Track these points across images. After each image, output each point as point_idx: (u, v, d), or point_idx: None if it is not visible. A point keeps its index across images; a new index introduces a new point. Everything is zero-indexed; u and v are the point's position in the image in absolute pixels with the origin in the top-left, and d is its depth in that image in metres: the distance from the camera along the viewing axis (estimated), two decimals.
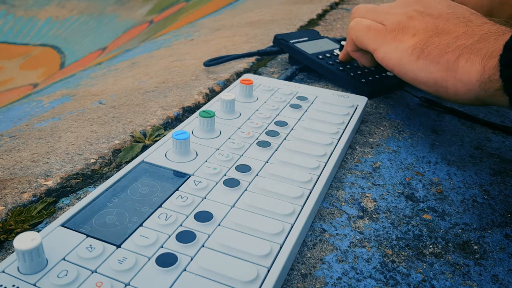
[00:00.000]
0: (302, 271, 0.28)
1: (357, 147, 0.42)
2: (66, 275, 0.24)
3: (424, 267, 0.29)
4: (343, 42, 0.59)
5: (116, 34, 2.10)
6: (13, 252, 0.27)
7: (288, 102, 0.45)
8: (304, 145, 0.37)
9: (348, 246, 0.30)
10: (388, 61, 0.40)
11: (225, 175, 0.33)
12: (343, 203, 0.34)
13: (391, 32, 0.41)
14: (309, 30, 0.66)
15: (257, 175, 0.33)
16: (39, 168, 0.37)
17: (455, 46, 0.35)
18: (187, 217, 0.29)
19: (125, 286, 0.24)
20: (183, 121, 0.46)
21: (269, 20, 0.93)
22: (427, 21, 0.39)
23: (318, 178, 0.33)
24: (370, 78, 0.53)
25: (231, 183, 0.32)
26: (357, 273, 0.28)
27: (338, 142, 0.39)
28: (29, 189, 0.34)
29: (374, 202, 0.35)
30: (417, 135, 0.45)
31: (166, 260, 0.25)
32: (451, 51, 0.35)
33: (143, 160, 0.34)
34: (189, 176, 0.33)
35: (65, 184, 0.35)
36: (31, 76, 1.76)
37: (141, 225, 0.28)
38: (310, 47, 0.58)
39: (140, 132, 0.43)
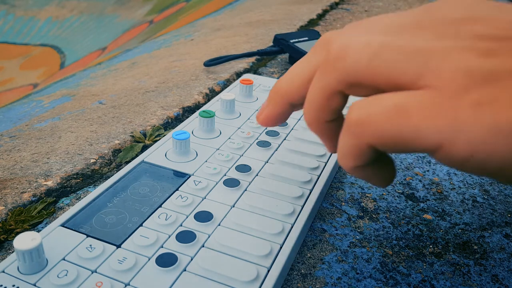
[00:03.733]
0: (302, 271, 0.28)
1: None
2: (66, 275, 0.24)
3: (424, 267, 0.29)
4: None
5: (116, 34, 2.10)
6: (13, 252, 0.27)
7: None
8: (304, 145, 0.37)
9: (348, 246, 0.30)
10: (489, 156, 0.17)
11: (225, 175, 0.33)
12: (343, 203, 0.34)
13: (460, 94, 0.18)
14: (309, 30, 0.66)
15: (257, 175, 0.33)
16: (39, 168, 0.37)
17: None
18: (187, 217, 0.29)
19: (125, 286, 0.24)
20: (183, 121, 0.46)
21: (269, 20, 0.93)
22: None
23: (318, 178, 0.33)
24: None
25: (231, 183, 0.32)
26: (357, 273, 0.28)
27: None
28: (29, 189, 0.34)
29: (374, 202, 0.35)
30: None
31: (166, 260, 0.25)
32: None
33: (143, 160, 0.34)
34: (189, 176, 0.33)
35: (65, 184, 0.35)
36: (31, 76, 1.76)
37: (141, 225, 0.28)
38: (310, 46, 0.58)
39: (140, 132, 0.43)
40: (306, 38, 0.61)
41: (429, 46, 0.19)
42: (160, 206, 0.30)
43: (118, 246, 0.26)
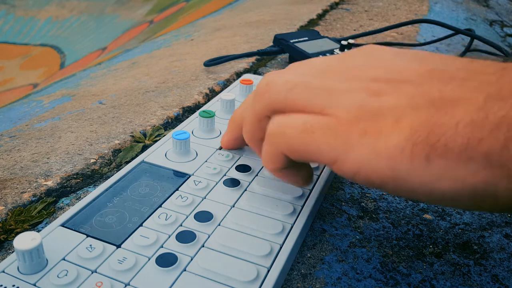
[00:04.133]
0: (302, 271, 0.28)
1: None
2: (66, 275, 0.24)
3: (424, 267, 0.29)
4: (343, 42, 0.59)
5: (116, 34, 2.10)
6: (13, 252, 0.27)
7: None
8: None
9: (348, 246, 0.30)
10: (370, 173, 0.22)
11: (225, 175, 0.33)
12: (343, 203, 0.34)
13: (352, 123, 0.23)
14: (309, 30, 0.66)
15: (257, 175, 0.33)
16: (39, 168, 0.37)
17: (489, 124, 0.19)
18: (187, 217, 0.29)
19: (125, 286, 0.24)
20: (183, 121, 0.46)
21: (269, 20, 0.93)
22: (406, 91, 0.22)
23: (318, 178, 0.33)
24: None
25: (231, 183, 0.32)
26: (357, 273, 0.28)
27: None
28: (29, 189, 0.34)
29: (374, 202, 0.35)
30: None
31: (166, 260, 0.25)
32: (485, 136, 0.19)
33: (143, 160, 0.34)
34: (189, 176, 0.33)
35: (65, 184, 0.35)
36: (31, 76, 1.76)
37: (141, 225, 0.28)
38: (310, 46, 0.58)
39: (140, 132, 0.43)
40: (306, 38, 0.61)
41: (335, 86, 0.24)
42: (160, 206, 0.30)
43: (118, 246, 0.26)
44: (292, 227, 0.29)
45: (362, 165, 0.23)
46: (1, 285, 0.23)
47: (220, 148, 0.36)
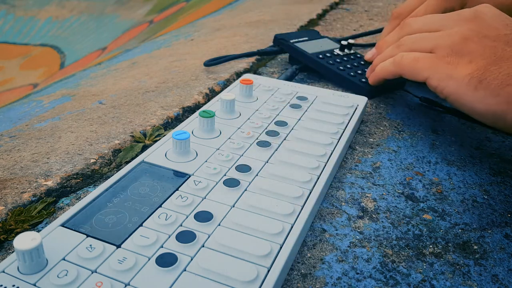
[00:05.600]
0: (302, 271, 0.28)
1: (357, 147, 0.42)
2: (66, 275, 0.24)
3: (424, 267, 0.29)
4: (343, 42, 0.59)
5: (116, 34, 2.10)
6: (13, 252, 0.27)
7: (288, 102, 0.45)
8: (304, 145, 0.37)
9: (348, 246, 0.30)
10: (443, 89, 0.38)
11: (225, 175, 0.33)
12: (343, 203, 0.34)
13: (444, 57, 0.38)
14: (309, 30, 0.66)
15: (257, 175, 0.33)
16: (39, 168, 0.37)
17: None
18: (187, 217, 0.29)
19: (125, 286, 0.24)
20: (183, 121, 0.46)
21: (269, 20, 0.93)
22: (485, 44, 0.36)
23: (318, 178, 0.33)
24: None
25: (231, 183, 0.32)
26: (357, 273, 0.28)
27: (338, 142, 0.39)
28: (29, 189, 0.34)
29: (374, 202, 0.35)
30: (417, 135, 0.45)
31: (166, 260, 0.25)
32: None
33: (143, 160, 0.34)
34: (189, 176, 0.33)
35: (65, 184, 0.35)
36: (31, 76, 1.76)
37: (141, 225, 0.28)
38: (310, 46, 0.58)
39: (140, 132, 0.43)
40: (306, 38, 0.61)
41: (443, 32, 0.40)
42: (160, 206, 0.30)
43: (118, 246, 0.26)
44: (292, 227, 0.29)
45: (440, 82, 0.38)
46: (1, 285, 0.23)
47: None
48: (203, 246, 0.26)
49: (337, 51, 0.59)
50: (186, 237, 0.27)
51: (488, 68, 0.35)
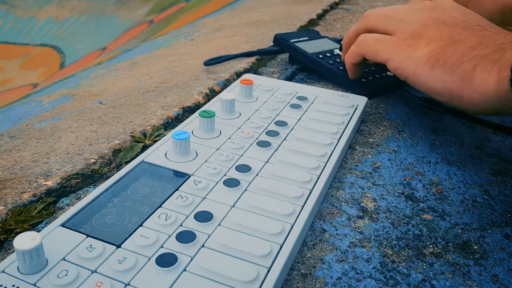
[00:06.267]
0: (302, 271, 0.28)
1: (357, 147, 0.42)
2: (66, 275, 0.24)
3: (424, 267, 0.29)
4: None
5: (116, 34, 2.10)
6: (13, 252, 0.27)
7: (288, 102, 0.45)
8: (304, 145, 0.37)
9: (348, 246, 0.30)
10: (403, 70, 0.39)
11: (225, 175, 0.33)
12: (343, 203, 0.34)
13: (404, 40, 0.40)
14: (309, 30, 0.66)
15: (257, 175, 0.33)
16: (39, 168, 0.37)
17: (471, 55, 0.34)
18: (187, 217, 0.29)
19: (125, 286, 0.24)
20: (183, 121, 0.46)
21: (269, 20, 0.93)
22: (442, 29, 0.38)
23: (318, 178, 0.33)
24: (370, 78, 0.53)
25: (231, 183, 0.32)
26: (357, 273, 0.28)
27: (338, 142, 0.39)
28: (29, 189, 0.34)
29: (374, 202, 0.35)
30: (417, 135, 0.45)
31: (166, 260, 0.25)
32: (467, 61, 0.34)
33: (143, 160, 0.34)
34: (189, 176, 0.33)
35: (65, 184, 0.35)
36: (31, 76, 1.76)
37: (141, 225, 0.28)
38: (310, 46, 0.58)
39: (140, 132, 0.43)
40: (306, 38, 0.61)
41: (405, 18, 0.42)
42: (160, 206, 0.30)
43: (118, 246, 0.26)
44: (292, 227, 0.29)
45: (400, 63, 0.40)
46: (1, 285, 0.23)
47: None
48: (203, 246, 0.26)
49: (337, 51, 0.59)
50: (186, 237, 0.27)
51: (445, 49, 0.36)
